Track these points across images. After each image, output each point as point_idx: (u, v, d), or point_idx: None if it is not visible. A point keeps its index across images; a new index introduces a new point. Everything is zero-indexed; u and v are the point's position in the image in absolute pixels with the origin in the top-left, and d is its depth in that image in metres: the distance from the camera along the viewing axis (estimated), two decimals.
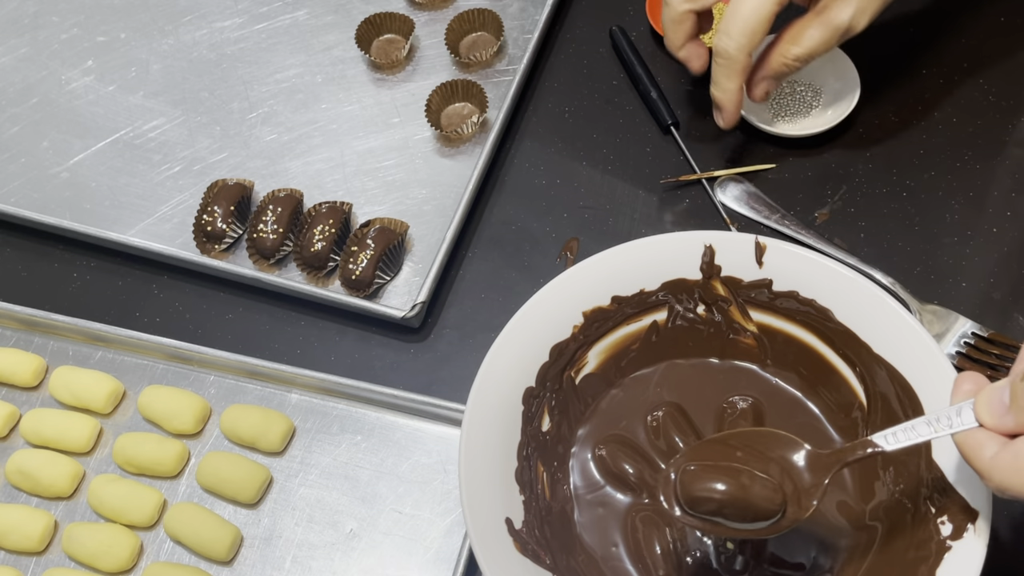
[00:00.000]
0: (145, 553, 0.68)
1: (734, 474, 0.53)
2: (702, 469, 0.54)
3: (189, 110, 0.87)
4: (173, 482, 0.70)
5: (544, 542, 0.59)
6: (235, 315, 0.77)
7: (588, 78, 0.85)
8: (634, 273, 0.64)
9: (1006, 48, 0.83)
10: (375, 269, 0.74)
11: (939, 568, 0.53)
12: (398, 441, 0.70)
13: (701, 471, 0.54)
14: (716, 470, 0.54)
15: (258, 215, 0.77)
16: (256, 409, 0.70)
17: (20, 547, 0.67)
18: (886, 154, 0.78)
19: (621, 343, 0.66)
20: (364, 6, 0.91)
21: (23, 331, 0.76)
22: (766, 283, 0.63)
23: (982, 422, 0.48)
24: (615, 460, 0.63)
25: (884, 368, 0.60)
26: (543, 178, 0.80)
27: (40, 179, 0.85)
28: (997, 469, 0.47)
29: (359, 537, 0.67)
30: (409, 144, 0.83)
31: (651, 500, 0.62)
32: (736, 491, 0.53)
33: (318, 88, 0.87)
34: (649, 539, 0.61)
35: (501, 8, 0.89)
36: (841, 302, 0.61)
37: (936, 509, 0.56)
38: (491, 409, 0.60)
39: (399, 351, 0.74)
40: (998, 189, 0.76)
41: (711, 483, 0.53)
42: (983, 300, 0.71)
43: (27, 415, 0.72)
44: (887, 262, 0.72)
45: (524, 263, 0.77)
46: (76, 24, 0.94)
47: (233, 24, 0.92)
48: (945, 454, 0.56)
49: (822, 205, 0.76)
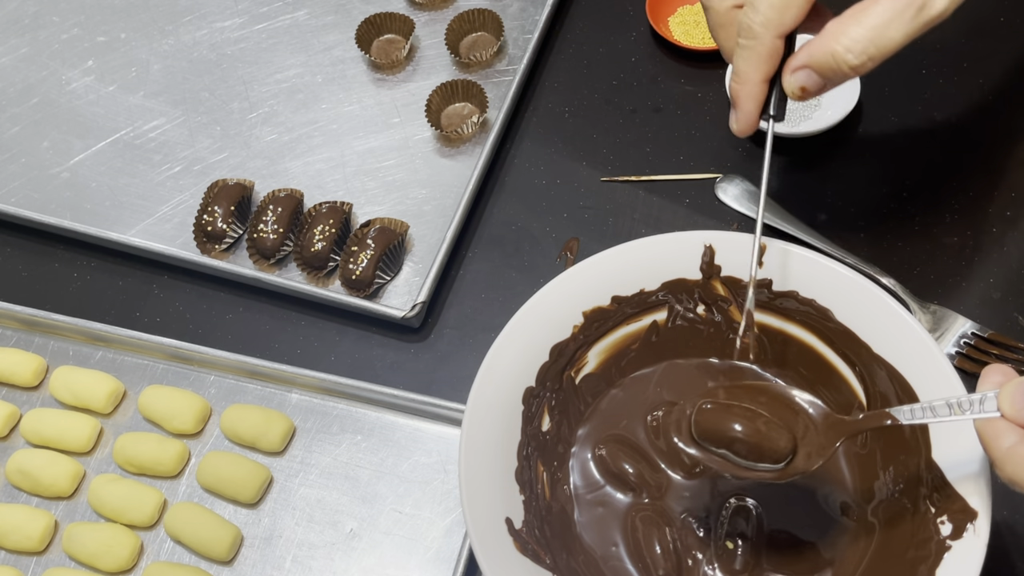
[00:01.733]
0: (145, 553, 0.68)
1: (749, 414, 0.54)
2: (720, 407, 0.55)
3: (189, 110, 0.87)
4: (173, 482, 0.70)
5: (544, 542, 0.59)
6: (235, 315, 0.77)
7: (588, 78, 0.85)
8: (634, 273, 0.64)
9: (1006, 48, 0.83)
10: (375, 269, 0.74)
11: (939, 568, 0.53)
12: (398, 441, 0.70)
13: (718, 408, 0.55)
14: (732, 408, 0.55)
15: (258, 215, 0.77)
16: (256, 409, 0.70)
17: (20, 547, 0.67)
18: (886, 154, 0.78)
19: (621, 343, 0.66)
20: (364, 6, 0.91)
21: (23, 331, 0.76)
22: (766, 283, 0.63)
23: (1004, 412, 0.47)
24: (615, 460, 0.63)
25: (884, 368, 0.60)
26: (543, 178, 0.80)
27: (40, 179, 0.85)
28: (1011, 460, 0.46)
29: (359, 537, 0.67)
30: (409, 144, 0.83)
31: (651, 499, 0.62)
32: (748, 428, 0.54)
33: (318, 88, 0.87)
34: (649, 539, 0.61)
35: (501, 8, 0.89)
36: (841, 302, 0.61)
37: (936, 509, 0.56)
38: (491, 409, 0.60)
39: (399, 351, 0.74)
40: (998, 189, 0.76)
41: (725, 417, 0.54)
42: (983, 300, 0.71)
43: (27, 415, 0.72)
44: (887, 262, 0.72)
45: (524, 263, 0.77)
46: (76, 24, 0.94)
47: (233, 24, 0.92)
48: (945, 454, 0.56)
49: (822, 205, 0.76)
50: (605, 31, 0.87)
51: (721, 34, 0.60)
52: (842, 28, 0.53)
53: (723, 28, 0.59)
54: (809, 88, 0.56)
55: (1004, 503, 0.63)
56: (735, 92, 0.58)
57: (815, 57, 0.54)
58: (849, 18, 0.53)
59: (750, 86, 0.57)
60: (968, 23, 0.84)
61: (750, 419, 0.54)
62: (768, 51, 0.55)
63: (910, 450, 0.58)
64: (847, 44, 0.53)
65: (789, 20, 0.54)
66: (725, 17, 0.59)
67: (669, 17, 0.86)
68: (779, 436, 0.54)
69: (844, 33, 0.53)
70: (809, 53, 0.54)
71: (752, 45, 0.55)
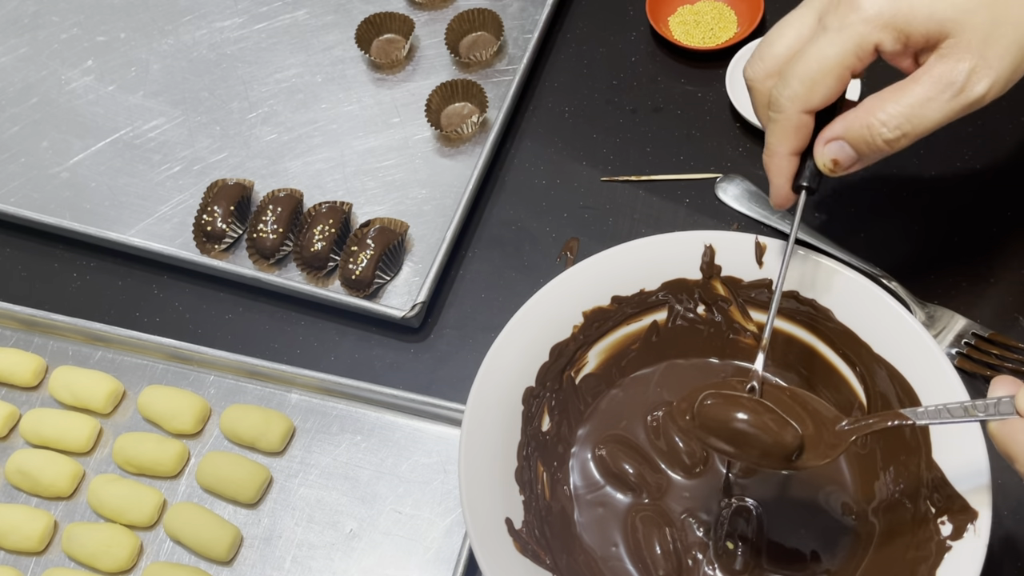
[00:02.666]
0: (145, 553, 0.68)
1: (758, 408, 0.54)
2: (727, 398, 0.55)
3: (189, 110, 0.87)
4: (173, 482, 0.70)
5: (544, 542, 0.59)
6: (235, 315, 0.77)
7: (588, 78, 0.85)
8: (634, 273, 0.64)
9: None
10: (375, 269, 0.74)
11: (939, 568, 0.53)
12: (398, 441, 0.70)
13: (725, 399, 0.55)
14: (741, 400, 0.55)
15: (258, 215, 0.77)
16: (256, 409, 0.70)
17: (20, 547, 0.67)
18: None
19: (621, 343, 0.66)
20: (364, 6, 0.91)
21: (23, 331, 0.76)
22: (766, 283, 0.63)
23: (1022, 413, 0.47)
24: (615, 460, 0.63)
25: (884, 368, 0.60)
26: (543, 178, 0.80)
27: (40, 179, 0.85)
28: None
29: (359, 537, 0.67)
30: (409, 144, 0.83)
31: (651, 499, 0.62)
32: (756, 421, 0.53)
33: (318, 88, 0.87)
34: (649, 539, 0.61)
35: (501, 8, 0.88)
36: (841, 302, 0.61)
37: (936, 509, 0.56)
38: (491, 409, 0.60)
39: (399, 351, 0.74)
40: (998, 189, 0.76)
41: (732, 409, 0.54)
42: (983, 300, 0.71)
43: (27, 415, 0.72)
44: (887, 262, 0.72)
45: (524, 263, 0.77)
46: (76, 24, 0.94)
47: (233, 24, 0.92)
48: (946, 454, 0.56)
49: (822, 205, 0.76)
50: (605, 31, 0.87)
51: (762, 112, 0.58)
52: (880, 104, 0.53)
53: (763, 108, 0.57)
54: (841, 161, 0.55)
55: (1004, 503, 0.63)
56: (766, 165, 0.57)
57: (850, 130, 0.54)
58: (888, 94, 0.53)
59: (778, 159, 0.56)
60: None
61: (758, 413, 0.54)
62: (795, 125, 0.55)
63: (911, 450, 0.58)
64: (883, 119, 0.52)
65: (817, 97, 0.54)
66: (798, 124, 0.56)
67: (669, 17, 0.86)
68: (786, 431, 0.53)
69: (881, 108, 0.52)
70: (844, 126, 0.54)
71: (779, 119, 0.55)
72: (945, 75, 0.51)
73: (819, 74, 0.53)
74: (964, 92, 0.52)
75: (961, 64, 0.51)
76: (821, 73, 0.53)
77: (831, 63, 0.53)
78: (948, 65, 0.51)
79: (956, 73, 0.51)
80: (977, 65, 0.51)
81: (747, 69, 0.57)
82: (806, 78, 0.53)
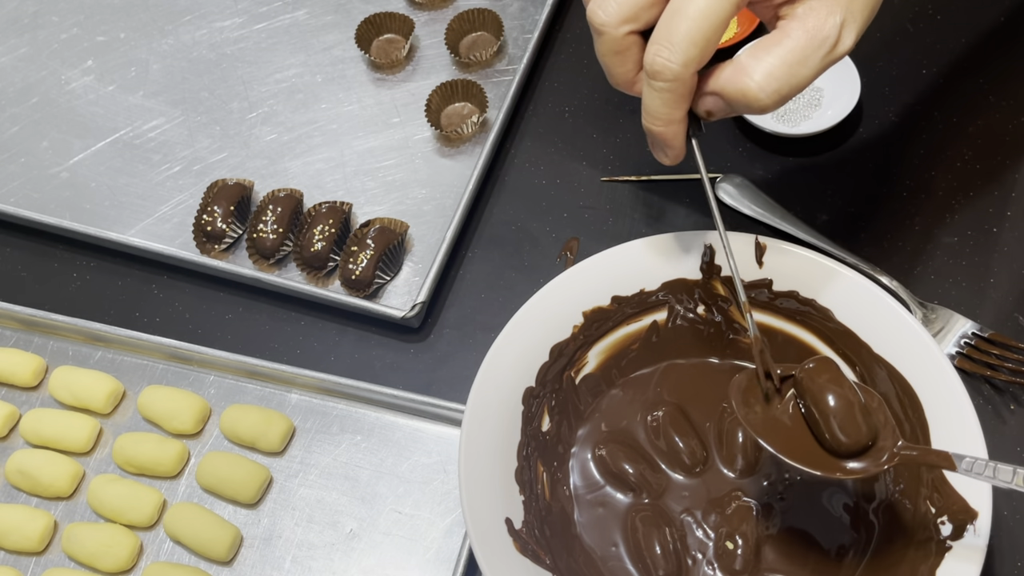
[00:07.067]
0: (145, 553, 0.68)
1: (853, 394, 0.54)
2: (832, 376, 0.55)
3: (189, 110, 0.87)
4: (173, 482, 0.70)
5: (544, 542, 0.59)
6: (235, 315, 0.77)
7: (588, 78, 0.85)
8: (634, 273, 0.64)
9: (1006, 48, 0.83)
10: (375, 269, 0.74)
11: (939, 568, 0.53)
12: (398, 441, 0.70)
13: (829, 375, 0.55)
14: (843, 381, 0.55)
15: (258, 215, 0.77)
16: (256, 409, 0.70)
17: (20, 547, 0.67)
18: (886, 154, 0.78)
19: (621, 343, 0.66)
20: (364, 6, 0.91)
21: (23, 331, 0.76)
22: (766, 283, 0.63)
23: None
24: (615, 460, 0.63)
25: (884, 368, 0.60)
26: (543, 178, 0.80)
27: (40, 179, 0.85)
28: None
29: (359, 537, 0.67)
30: (409, 144, 0.83)
31: (651, 499, 0.62)
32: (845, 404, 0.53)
33: (318, 88, 0.87)
34: (649, 539, 0.61)
35: (501, 8, 0.89)
36: (841, 302, 0.61)
37: (936, 509, 0.56)
38: (491, 409, 0.60)
39: (399, 351, 0.74)
40: (998, 189, 0.76)
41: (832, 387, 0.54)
42: (983, 300, 0.71)
43: (27, 415, 0.72)
44: (887, 262, 0.72)
45: (524, 263, 0.77)
46: (76, 24, 0.94)
47: (233, 24, 0.92)
48: None
49: (822, 205, 0.76)
50: None
51: (615, 60, 0.53)
52: (755, 63, 0.50)
53: (619, 55, 0.53)
54: (716, 113, 0.53)
55: (1004, 503, 0.63)
56: (658, 134, 0.53)
57: (726, 90, 0.51)
58: (761, 52, 0.50)
59: (675, 126, 0.53)
60: (969, 24, 0.84)
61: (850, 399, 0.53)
62: (688, 90, 0.51)
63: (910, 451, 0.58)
64: (760, 82, 0.50)
65: (708, 56, 0.50)
66: (622, 43, 0.52)
67: None
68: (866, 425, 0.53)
69: (757, 69, 0.50)
70: (721, 85, 0.51)
71: (671, 87, 0.50)
72: (819, 29, 0.49)
73: (711, 32, 0.49)
74: (837, 47, 0.50)
75: (832, 17, 0.49)
76: (713, 30, 0.49)
77: (719, 20, 0.49)
78: (820, 18, 0.49)
79: (830, 27, 0.49)
80: (847, 18, 0.50)
81: (598, 12, 0.51)
82: (699, 39, 0.49)
